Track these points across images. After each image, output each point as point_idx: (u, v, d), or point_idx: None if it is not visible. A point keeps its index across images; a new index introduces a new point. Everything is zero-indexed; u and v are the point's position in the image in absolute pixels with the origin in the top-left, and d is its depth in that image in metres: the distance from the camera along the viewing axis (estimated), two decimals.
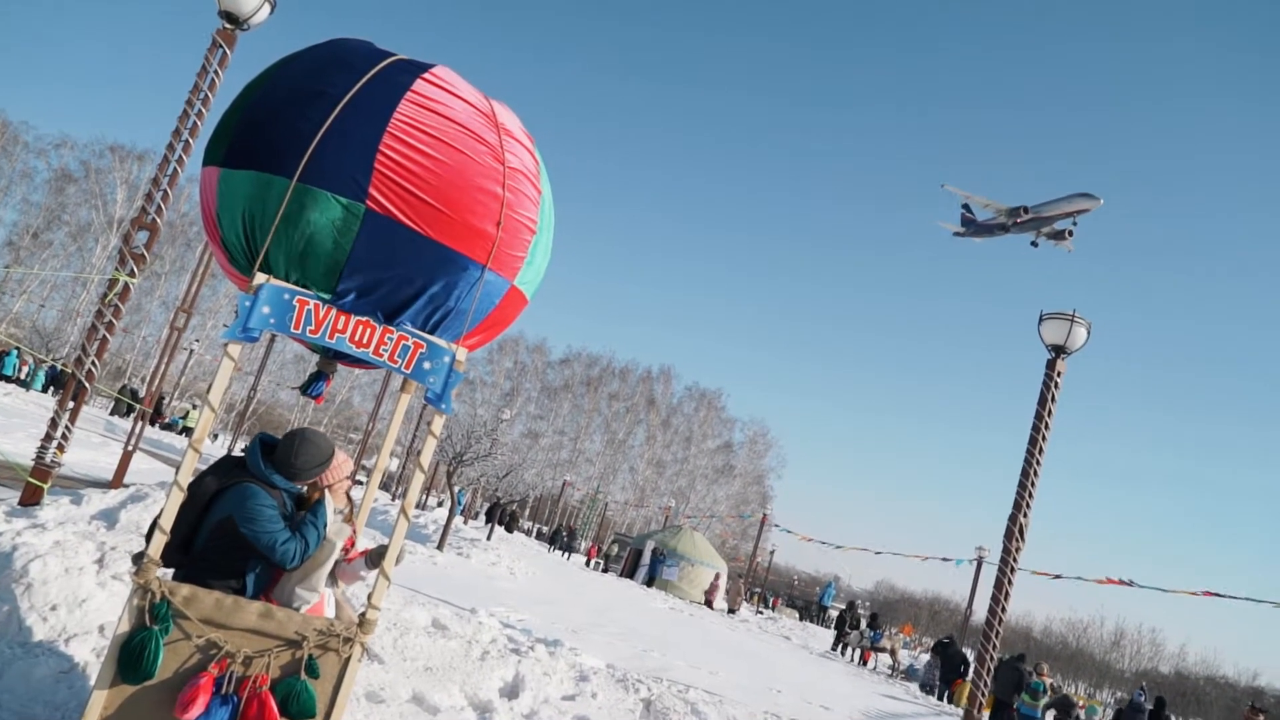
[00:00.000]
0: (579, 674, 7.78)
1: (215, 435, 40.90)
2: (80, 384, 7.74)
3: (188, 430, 34.64)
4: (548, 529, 51.21)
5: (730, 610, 28.79)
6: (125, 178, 48.14)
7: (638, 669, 9.20)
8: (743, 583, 34.81)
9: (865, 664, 24.98)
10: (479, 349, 4.87)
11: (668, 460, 67.42)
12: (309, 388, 4.31)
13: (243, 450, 3.90)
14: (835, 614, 34.86)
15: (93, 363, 7.74)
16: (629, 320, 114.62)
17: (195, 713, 3.30)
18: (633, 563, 31.43)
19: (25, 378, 34.09)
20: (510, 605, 11.65)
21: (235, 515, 3.58)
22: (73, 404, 7.73)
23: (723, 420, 70.58)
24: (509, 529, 34.31)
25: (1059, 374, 9.28)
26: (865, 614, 30.42)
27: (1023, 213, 50.94)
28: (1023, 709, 16.14)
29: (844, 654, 25.07)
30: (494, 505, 32.42)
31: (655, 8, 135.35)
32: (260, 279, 3.64)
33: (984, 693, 9.16)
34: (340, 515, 4.02)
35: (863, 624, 26.33)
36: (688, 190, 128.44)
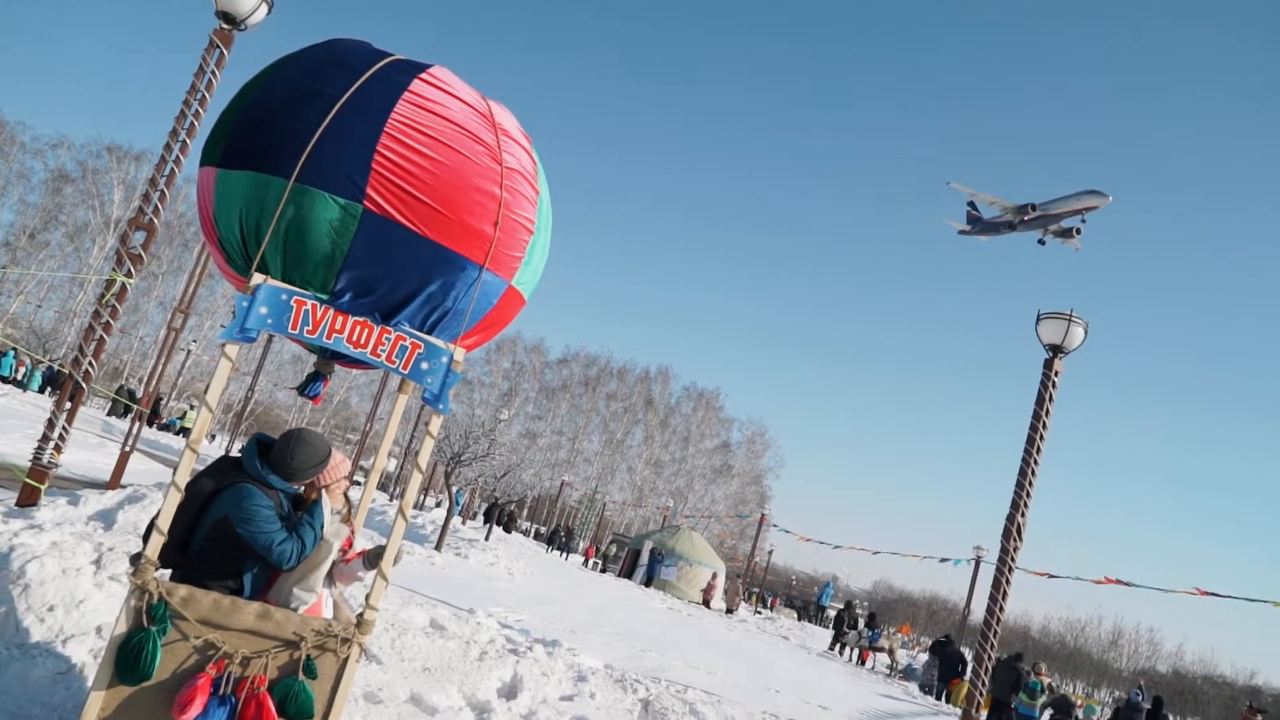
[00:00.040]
0: (577, 674, 7.78)
1: (213, 436, 40.86)
2: (77, 384, 7.73)
3: (185, 431, 34.61)
4: (546, 529, 51.18)
5: (728, 610, 28.79)
6: (122, 178, 48.10)
7: (636, 669, 9.20)
8: (741, 582, 34.82)
9: (863, 664, 24.99)
10: (477, 349, 4.86)
11: (666, 460, 67.43)
12: (307, 388, 4.31)
13: (240, 451, 3.90)
14: (833, 614, 34.88)
15: (90, 363, 7.73)
16: (627, 320, 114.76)
17: (193, 713, 3.30)
18: (631, 563, 31.44)
19: (22, 378, 34.04)
20: (508, 605, 11.65)
21: (232, 516, 3.58)
22: (70, 405, 7.72)
23: (721, 420, 70.68)
24: (507, 529, 34.29)
25: (1057, 373, 9.29)
26: (863, 614, 30.45)
27: (1030, 210, 50.39)
28: (1020, 708, 16.16)
29: (842, 654, 25.08)
30: (492, 505, 32.40)
31: (655, 8, 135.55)
32: (258, 279, 3.63)
33: (982, 692, 9.17)
34: (338, 516, 4.02)
35: (861, 624, 26.34)
36: (687, 190, 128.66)
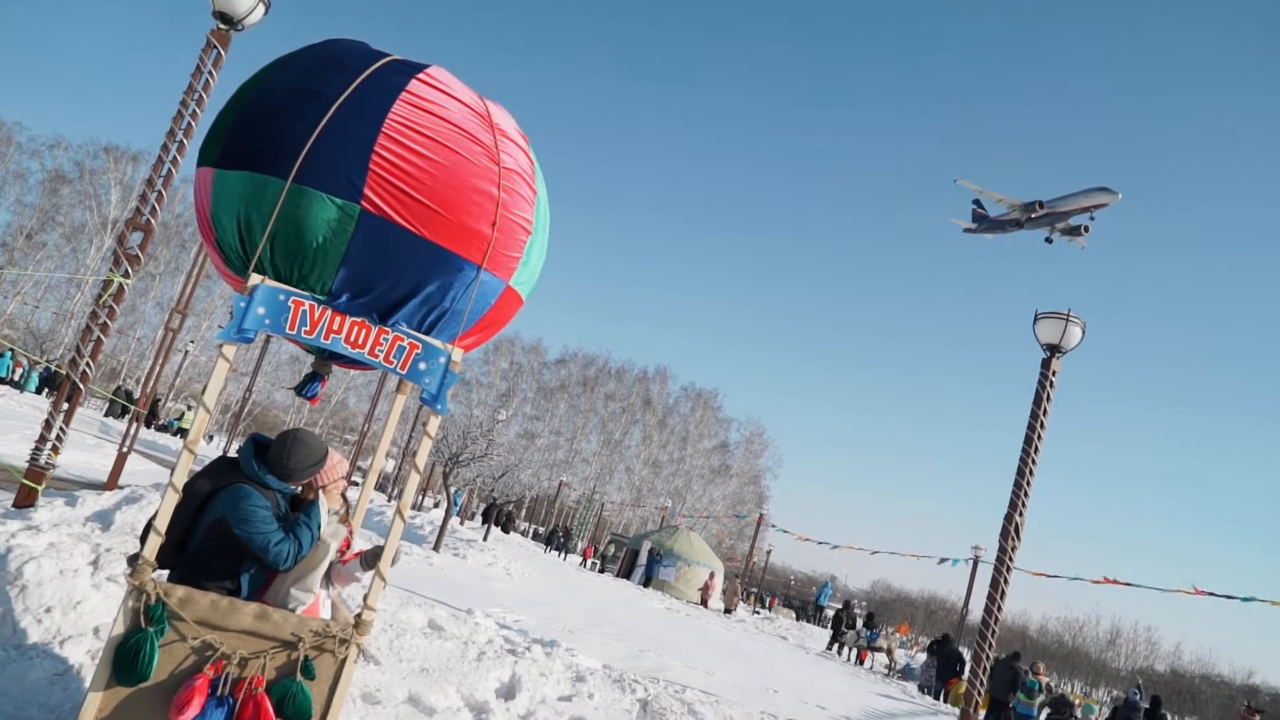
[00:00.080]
0: (575, 674, 7.78)
1: (210, 437, 40.82)
2: (75, 385, 7.72)
3: (183, 431, 34.57)
4: (544, 529, 51.17)
5: (727, 610, 28.80)
6: (119, 179, 48.04)
7: (634, 669, 9.20)
8: (739, 583, 34.82)
9: (861, 663, 25.01)
10: (475, 349, 4.87)
11: (664, 460, 67.41)
12: (304, 389, 4.31)
13: (237, 451, 3.89)
14: (831, 614, 34.90)
15: (87, 364, 7.72)
16: (625, 320, 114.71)
17: (191, 714, 3.30)
18: (629, 563, 31.43)
19: (19, 379, 33.99)
20: (506, 606, 11.64)
21: (229, 516, 3.57)
22: (67, 405, 7.71)
23: (719, 420, 70.67)
24: (505, 530, 34.27)
25: (1054, 373, 9.31)
26: (861, 614, 30.46)
27: (1038, 208, 49.71)
28: (1019, 708, 16.19)
29: (840, 654, 25.09)
30: (490, 506, 32.38)
31: (655, 7, 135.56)
32: (255, 280, 3.63)
33: (980, 691, 9.18)
34: (335, 516, 4.02)
35: (859, 623, 26.35)
36: (687, 190, 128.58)
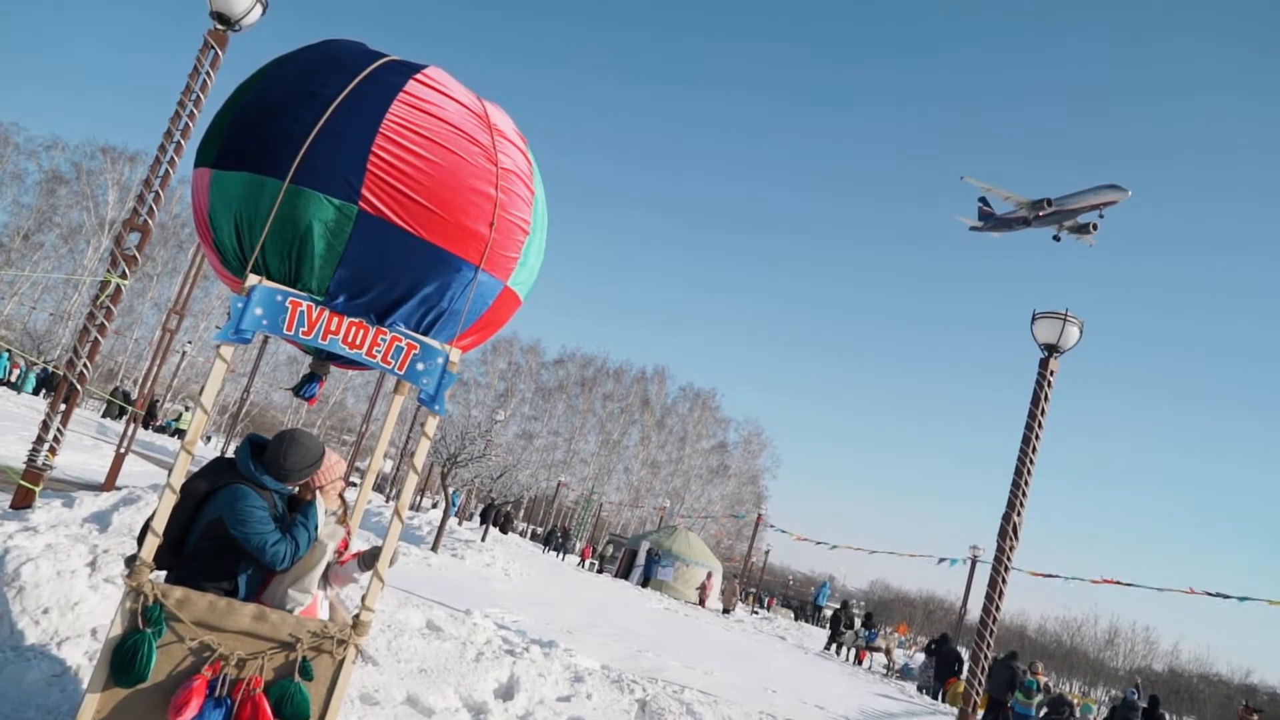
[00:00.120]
0: (574, 675, 7.78)
1: (208, 437, 40.80)
2: (72, 386, 7.71)
3: (180, 432, 34.53)
4: (542, 530, 51.15)
5: (725, 610, 28.80)
6: (117, 179, 47.95)
7: (633, 670, 9.20)
8: (738, 583, 34.82)
9: (860, 663, 25.02)
10: (473, 350, 4.87)
11: (662, 460, 67.38)
12: (302, 389, 4.31)
13: (234, 452, 3.89)
14: (830, 614, 34.88)
15: (84, 365, 7.71)
16: (623, 321, 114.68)
17: (188, 715, 3.29)
18: (628, 563, 31.42)
19: (16, 380, 33.95)
20: (505, 606, 11.64)
21: (225, 517, 3.57)
22: (64, 406, 7.70)
23: (717, 420, 70.63)
24: (503, 530, 34.26)
25: (1052, 373, 9.31)
26: (860, 614, 30.47)
27: (1046, 205, 49.01)
28: (1017, 707, 16.20)
29: (838, 654, 25.10)
30: (488, 506, 32.34)
31: (655, 8, 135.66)
32: (253, 280, 3.63)
33: (978, 691, 9.19)
34: (333, 517, 4.01)
35: (857, 623, 26.36)
36: (687, 190, 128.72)
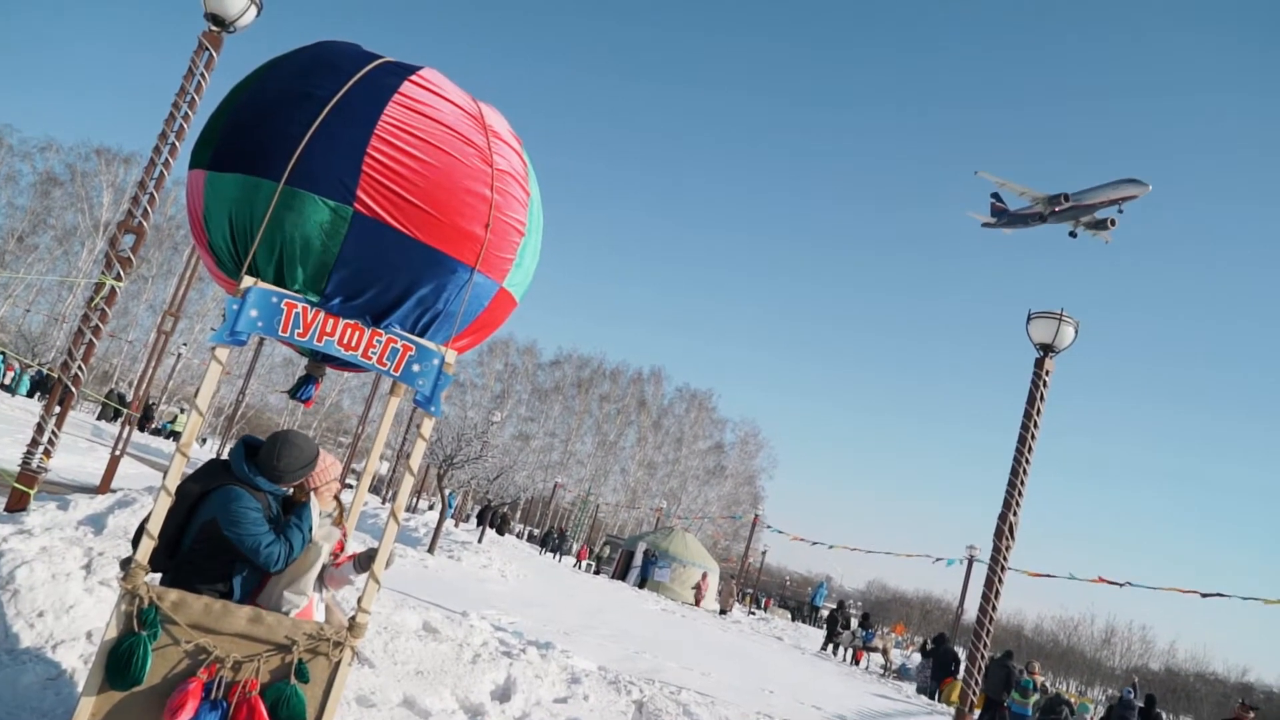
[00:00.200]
0: (571, 676, 7.78)
1: (204, 440, 40.71)
2: (66, 388, 7.69)
3: (176, 435, 34.45)
4: (539, 531, 51.11)
5: (722, 611, 28.80)
6: (111, 181, 47.85)
7: (630, 671, 9.20)
8: (735, 583, 34.82)
9: (857, 664, 25.04)
10: (468, 351, 4.86)
11: (659, 461, 67.39)
12: (298, 391, 4.30)
13: (228, 453, 3.89)
14: (826, 614, 34.90)
15: (79, 367, 7.69)
16: (620, 322, 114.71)
17: (184, 718, 3.29)
18: (624, 564, 31.41)
19: (10, 383, 33.86)
20: (501, 608, 11.63)
21: (219, 518, 3.57)
22: (59, 409, 7.68)
23: (714, 421, 70.63)
24: (500, 531, 34.22)
25: (1048, 373, 9.33)
26: (856, 614, 30.48)
27: (1063, 200, 48.02)
28: (1014, 707, 16.24)
29: (835, 654, 25.12)
30: (485, 508, 32.31)
31: (655, 8, 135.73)
32: (248, 282, 3.62)
33: (975, 691, 9.21)
34: (329, 519, 4.01)
35: (854, 623, 26.37)
36: (686, 191, 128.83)
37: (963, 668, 16.10)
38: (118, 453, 11.17)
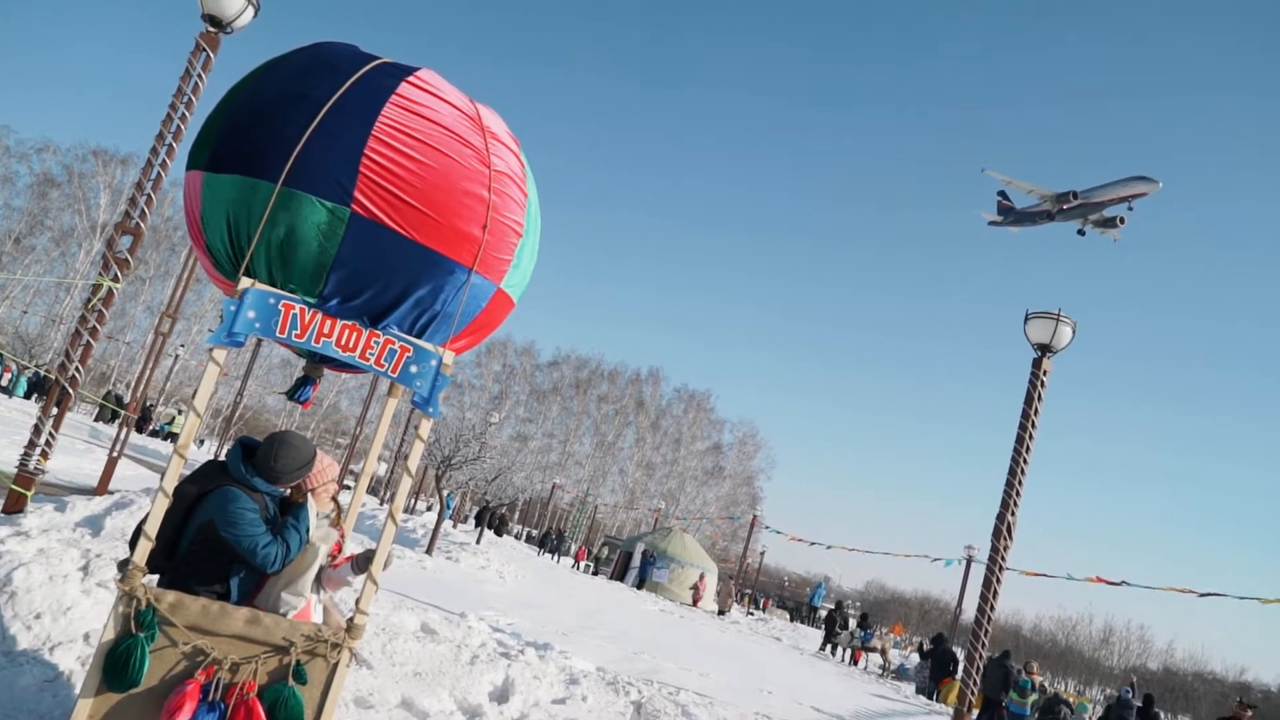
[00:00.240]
0: (569, 677, 7.78)
1: (201, 441, 40.64)
2: (64, 390, 7.68)
3: (173, 436, 34.41)
4: (537, 532, 51.12)
5: (720, 612, 28.81)
6: (109, 182, 47.83)
7: (628, 671, 9.20)
8: (733, 584, 34.84)
9: (856, 664, 25.05)
10: (466, 352, 4.86)
11: (657, 462, 67.40)
12: (296, 392, 4.30)
13: (225, 455, 3.88)
14: (825, 614, 34.92)
15: (76, 368, 7.68)
16: (618, 323, 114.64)
17: None
18: (623, 565, 31.41)
19: (8, 384, 33.81)
20: (500, 609, 11.63)
21: (216, 519, 3.56)
22: (56, 410, 7.67)
23: (712, 422, 70.66)
24: (498, 532, 34.21)
25: (1045, 373, 9.35)
26: (854, 614, 30.50)
27: (1071, 198, 47.28)
28: (1012, 707, 16.25)
29: (834, 654, 25.12)
30: (483, 509, 32.30)
31: (655, 8, 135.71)
32: (245, 283, 3.62)
33: (973, 691, 9.21)
34: (326, 520, 4.00)
35: (851, 624, 26.39)
36: (686, 191, 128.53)
37: (961, 668, 16.09)
38: (115, 454, 11.16)
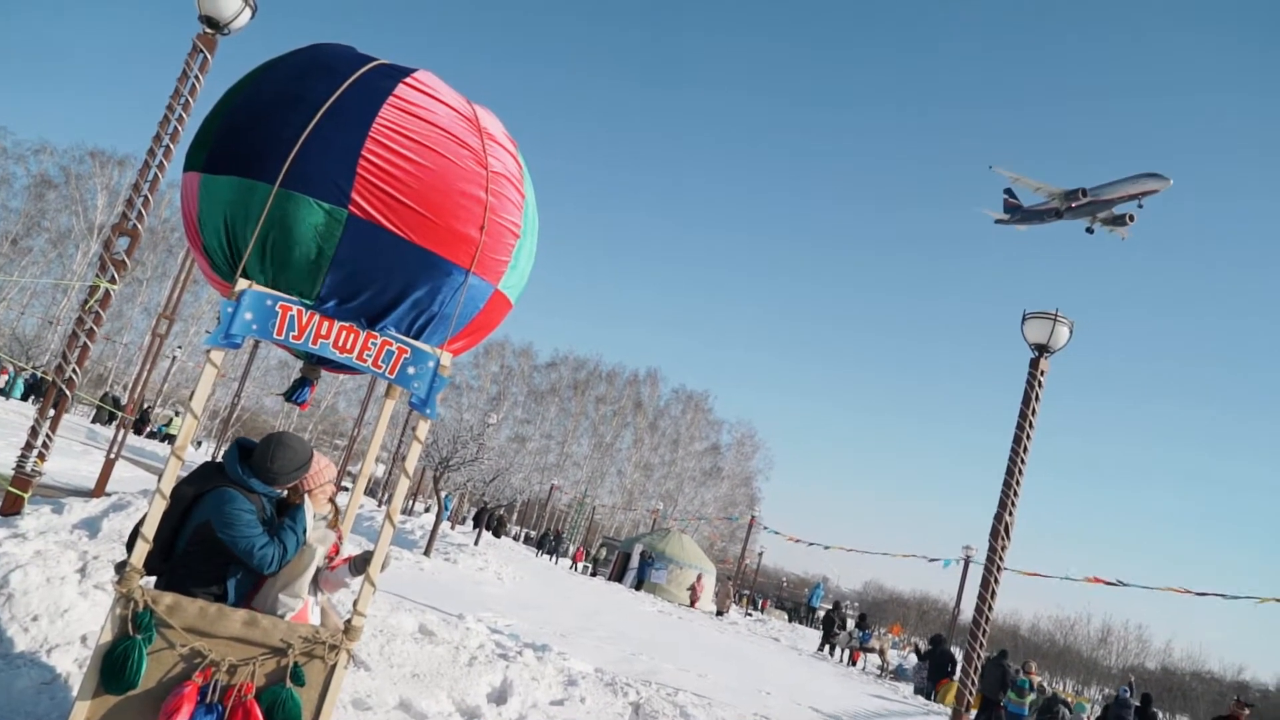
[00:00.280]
0: (567, 678, 7.77)
1: (199, 443, 40.59)
2: (61, 392, 7.66)
3: (170, 438, 34.37)
4: (535, 533, 51.09)
5: (719, 612, 28.80)
6: (106, 183, 47.75)
7: (626, 672, 9.20)
8: (731, 585, 34.82)
9: (854, 664, 25.05)
10: (464, 353, 4.86)
11: (655, 463, 67.38)
12: (293, 394, 4.30)
13: (222, 456, 3.88)
14: (823, 615, 34.93)
15: (74, 370, 7.67)
16: (616, 324, 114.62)
17: None
18: (621, 566, 31.39)
19: (5, 386, 33.74)
20: (498, 610, 11.62)
21: (213, 520, 3.56)
22: (53, 412, 7.65)
23: (710, 423, 70.65)
24: (496, 534, 34.18)
25: (1042, 373, 9.35)
26: (852, 615, 30.51)
27: (1080, 195, 46.73)
28: (1010, 707, 16.24)
29: (832, 654, 25.13)
30: (481, 510, 32.28)
31: (655, 8, 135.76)
32: (242, 285, 3.62)
33: (971, 691, 9.22)
34: (323, 521, 4.00)
35: (850, 624, 26.38)
36: (686, 191, 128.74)
37: (959, 668, 16.10)
38: (112, 456, 11.15)
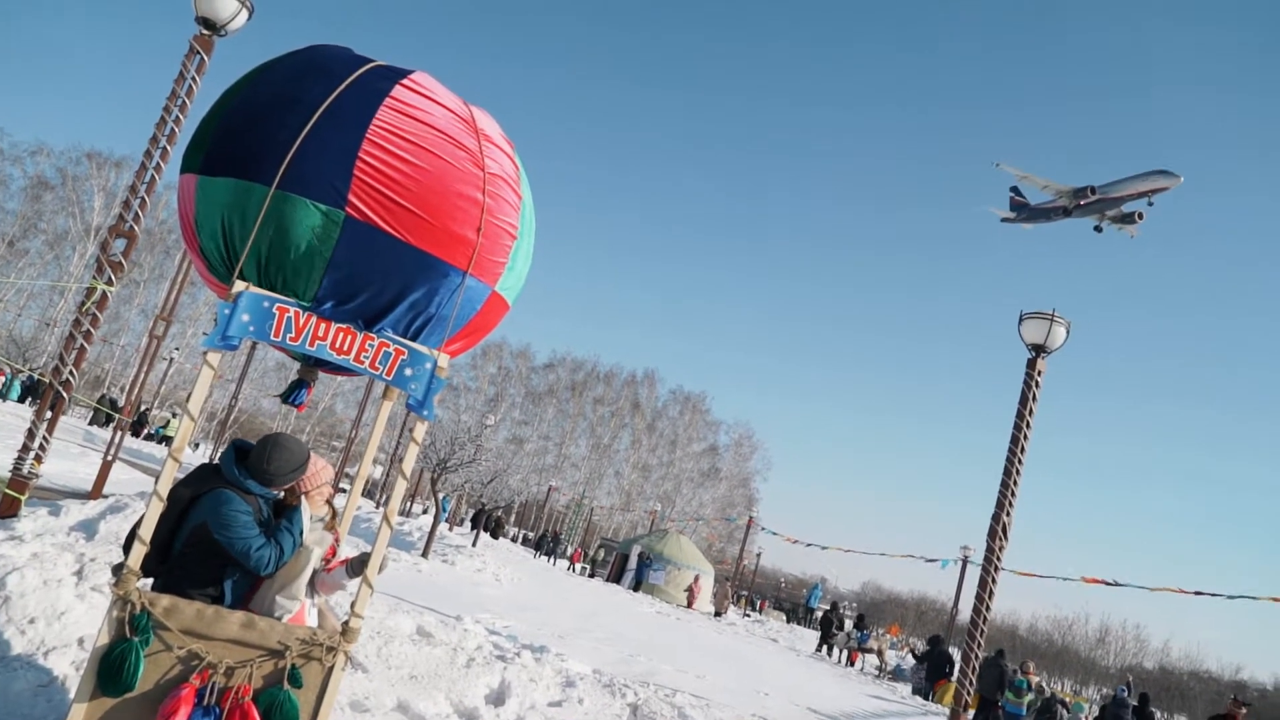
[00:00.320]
0: (565, 680, 7.77)
1: (196, 444, 40.55)
2: (58, 394, 7.65)
3: (167, 440, 34.32)
4: (533, 535, 51.09)
5: (717, 613, 28.80)
6: (103, 185, 47.72)
7: (624, 674, 9.20)
8: (729, 585, 34.82)
9: (852, 665, 25.06)
10: (461, 355, 4.86)
11: (653, 464, 67.38)
12: (291, 395, 4.29)
13: (219, 457, 3.87)
14: (821, 615, 34.94)
15: (70, 372, 7.66)
16: (614, 325, 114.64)
17: None
18: (619, 567, 31.38)
19: (1, 388, 33.67)
20: (496, 612, 11.62)
21: (210, 522, 3.55)
22: (50, 414, 7.65)
23: (708, 423, 70.69)
24: (494, 535, 34.18)
25: (1039, 373, 9.37)
26: (851, 615, 30.52)
27: (1089, 194, 46.21)
28: (1008, 706, 16.25)
29: (830, 655, 25.14)
30: (479, 511, 32.27)
31: (655, 7, 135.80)
32: (239, 286, 3.62)
33: (969, 691, 9.23)
34: (320, 523, 4.00)
35: (848, 625, 26.38)
36: (685, 191, 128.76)
37: (957, 668, 16.11)
38: (110, 458, 11.13)
